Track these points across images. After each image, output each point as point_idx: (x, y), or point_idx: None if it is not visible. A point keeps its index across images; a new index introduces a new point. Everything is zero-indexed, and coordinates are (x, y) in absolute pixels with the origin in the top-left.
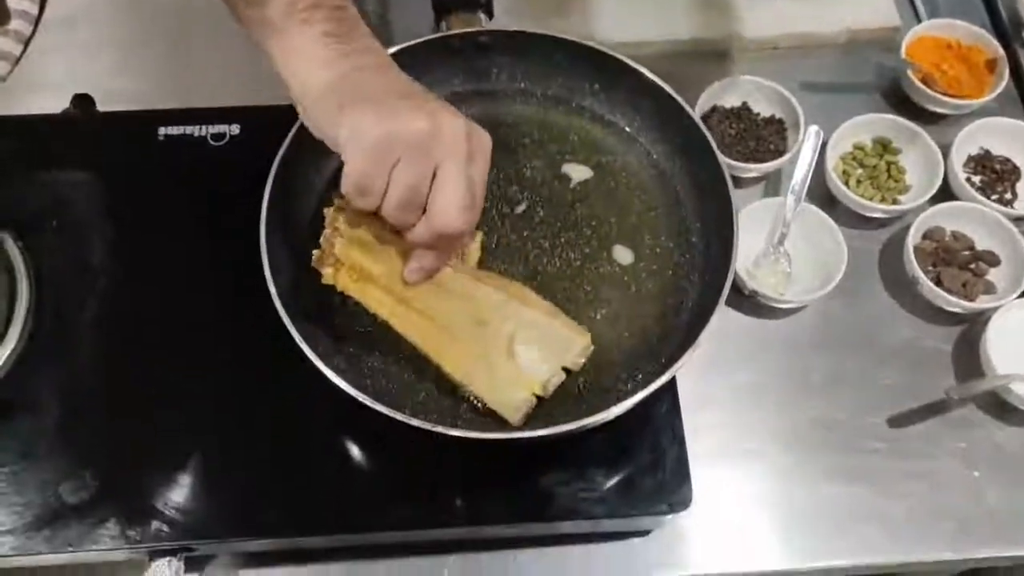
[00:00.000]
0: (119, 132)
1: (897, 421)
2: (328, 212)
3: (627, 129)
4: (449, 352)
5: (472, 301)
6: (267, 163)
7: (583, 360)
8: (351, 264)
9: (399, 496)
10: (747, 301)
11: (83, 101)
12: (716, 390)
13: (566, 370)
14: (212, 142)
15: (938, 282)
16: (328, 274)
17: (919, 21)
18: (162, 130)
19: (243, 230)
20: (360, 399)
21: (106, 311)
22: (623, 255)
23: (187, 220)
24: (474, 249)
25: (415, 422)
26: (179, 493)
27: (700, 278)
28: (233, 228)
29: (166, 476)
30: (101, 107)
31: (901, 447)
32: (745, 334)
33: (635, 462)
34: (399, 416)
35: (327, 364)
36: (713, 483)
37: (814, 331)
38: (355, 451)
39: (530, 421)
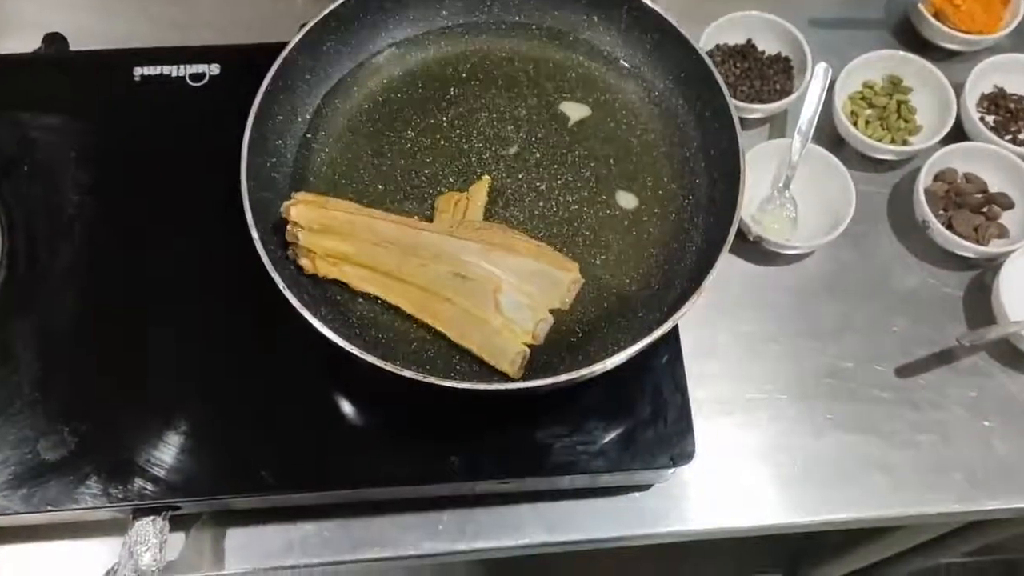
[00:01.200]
0: (93, 72)
1: (906, 370)
2: (283, 207)
3: (628, 65)
4: (441, 314)
5: (452, 258)
6: (248, 104)
7: (573, 295)
8: (322, 251)
9: (392, 451)
10: (752, 247)
11: (55, 40)
12: (720, 339)
13: (563, 311)
14: (191, 82)
15: (949, 226)
16: (306, 265)
17: None
18: (138, 70)
19: (223, 173)
20: (348, 348)
21: (83, 259)
22: (625, 199)
23: (165, 163)
24: (480, 194)
25: (407, 373)
26: (163, 449)
27: (704, 221)
28: (213, 171)
29: (149, 431)
30: (74, 46)
31: (909, 396)
32: (750, 281)
33: (636, 414)
34: (389, 367)
35: (313, 313)
36: (716, 435)
37: (821, 278)
38: (346, 405)
39: (529, 371)
